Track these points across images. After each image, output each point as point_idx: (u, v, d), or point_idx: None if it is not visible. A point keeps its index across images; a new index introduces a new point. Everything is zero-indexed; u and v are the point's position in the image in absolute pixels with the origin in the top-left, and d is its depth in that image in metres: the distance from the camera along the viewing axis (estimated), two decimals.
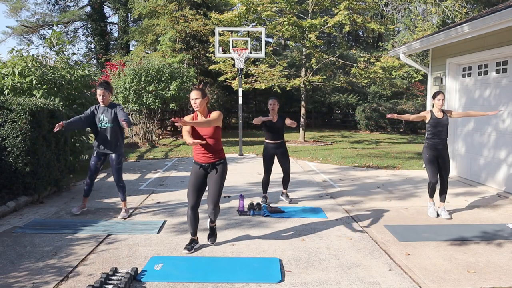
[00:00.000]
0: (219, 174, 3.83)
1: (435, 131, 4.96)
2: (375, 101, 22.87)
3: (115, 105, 5.02)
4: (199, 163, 3.84)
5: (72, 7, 30.26)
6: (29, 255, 3.73)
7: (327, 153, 11.46)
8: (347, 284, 3.18)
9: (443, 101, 4.92)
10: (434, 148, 4.99)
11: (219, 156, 3.85)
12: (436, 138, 4.98)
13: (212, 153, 3.80)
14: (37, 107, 5.62)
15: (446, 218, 4.92)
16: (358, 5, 13.82)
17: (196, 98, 3.73)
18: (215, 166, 3.84)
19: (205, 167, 3.83)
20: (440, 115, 4.98)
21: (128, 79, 12.31)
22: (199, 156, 3.82)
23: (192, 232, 3.93)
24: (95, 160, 5.05)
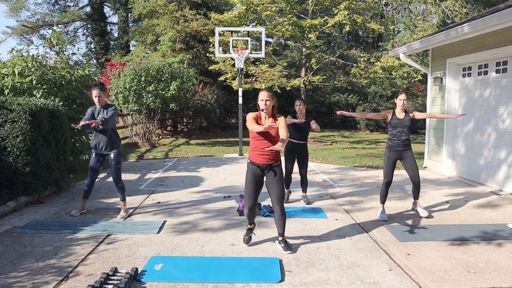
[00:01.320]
0: (279, 176, 3.84)
1: (395, 131, 4.84)
2: (375, 101, 22.87)
3: (109, 105, 5.04)
4: (257, 164, 3.80)
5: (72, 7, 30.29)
6: (29, 255, 3.73)
7: (327, 153, 11.46)
8: (347, 284, 3.18)
9: (404, 101, 4.80)
10: (394, 150, 4.87)
11: (276, 158, 3.84)
12: (395, 139, 4.85)
13: (272, 155, 3.79)
14: (37, 107, 5.62)
15: (424, 216, 4.91)
16: (358, 5, 13.82)
17: (267, 99, 3.71)
18: (273, 167, 3.83)
19: (262, 168, 3.81)
20: (402, 116, 4.86)
21: (128, 79, 12.31)
22: (258, 156, 3.79)
23: (249, 222, 4.01)
24: (94, 161, 5.05)
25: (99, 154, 5.04)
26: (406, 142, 4.86)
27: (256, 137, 3.77)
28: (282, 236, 3.90)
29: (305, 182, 5.75)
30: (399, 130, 4.83)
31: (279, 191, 3.83)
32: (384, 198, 4.99)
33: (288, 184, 5.75)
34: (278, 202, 3.84)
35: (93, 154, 5.06)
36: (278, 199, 3.83)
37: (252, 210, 3.91)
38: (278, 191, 3.83)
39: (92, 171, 5.08)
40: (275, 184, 3.83)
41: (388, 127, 4.95)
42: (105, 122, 4.81)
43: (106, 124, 4.84)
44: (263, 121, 3.81)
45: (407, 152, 4.90)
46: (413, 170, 4.90)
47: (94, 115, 4.99)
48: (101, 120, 4.77)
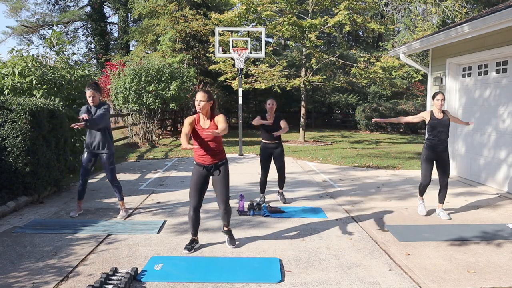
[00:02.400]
0: (223, 174, 3.86)
1: (435, 132, 4.89)
2: (375, 101, 22.87)
3: (102, 104, 5.01)
4: (202, 164, 3.84)
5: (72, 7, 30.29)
6: (29, 255, 3.73)
7: (327, 153, 11.46)
8: (347, 284, 3.18)
9: (442, 101, 4.84)
10: (433, 149, 4.92)
11: (220, 157, 3.87)
12: (435, 140, 4.90)
13: (214, 154, 3.82)
14: (37, 107, 5.62)
15: (446, 219, 4.91)
16: (358, 5, 13.82)
17: (201, 100, 3.73)
18: (218, 167, 3.86)
19: (208, 168, 3.84)
20: (440, 116, 4.92)
21: (128, 79, 12.31)
22: (201, 157, 3.83)
23: (193, 232, 3.93)
24: (86, 160, 5.01)
25: (92, 153, 5.00)
26: (445, 142, 4.90)
27: (197, 139, 3.80)
28: (227, 226, 4.01)
29: (282, 178, 5.74)
30: (439, 130, 4.86)
31: (224, 190, 3.85)
32: (423, 192, 5.09)
33: (262, 189, 5.73)
34: (222, 201, 3.86)
35: (85, 153, 5.02)
36: (223, 198, 3.86)
37: (196, 212, 3.87)
38: (222, 190, 3.85)
39: (84, 171, 5.03)
40: (219, 183, 3.85)
41: (427, 128, 4.98)
42: (91, 122, 4.71)
43: (93, 124, 4.75)
44: (202, 123, 3.81)
45: (445, 153, 4.94)
46: (445, 172, 4.95)
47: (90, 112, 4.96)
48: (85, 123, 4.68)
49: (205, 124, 3.82)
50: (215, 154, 3.82)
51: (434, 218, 4.99)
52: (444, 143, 4.92)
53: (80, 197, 5.13)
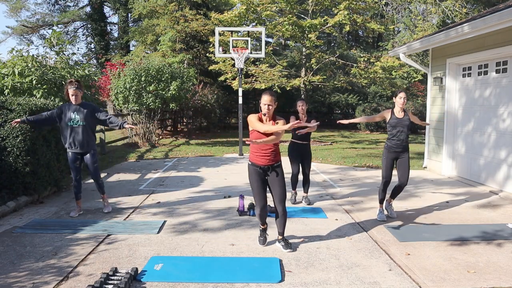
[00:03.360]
0: (281, 176, 3.88)
1: (394, 131, 4.76)
2: (375, 101, 22.87)
3: (88, 104, 5.03)
4: (258, 165, 3.83)
5: (72, 7, 30.28)
6: (29, 255, 3.73)
7: (327, 153, 11.46)
8: (347, 284, 3.18)
9: (404, 99, 4.71)
10: (393, 150, 4.81)
11: (276, 158, 3.88)
12: (395, 139, 4.77)
13: (271, 155, 3.82)
14: (37, 107, 5.63)
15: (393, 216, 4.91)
16: (358, 5, 13.82)
17: (270, 104, 3.72)
18: (275, 168, 3.87)
19: (264, 168, 3.85)
20: (401, 115, 4.79)
21: (128, 79, 12.31)
22: (259, 158, 3.82)
23: (261, 223, 4.00)
24: (72, 161, 5.00)
25: (75, 154, 5.00)
26: (405, 142, 4.80)
27: (256, 139, 3.77)
28: (282, 235, 3.93)
29: (307, 183, 5.74)
30: (398, 129, 4.75)
31: (282, 191, 3.86)
32: (383, 198, 4.98)
33: (294, 185, 5.75)
34: (280, 202, 3.86)
35: (69, 154, 5.01)
36: (281, 199, 3.86)
37: (264, 210, 3.93)
38: (280, 191, 3.86)
39: (75, 171, 5.03)
40: (277, 184, 3.86)
41: (387, 127, 4.87)
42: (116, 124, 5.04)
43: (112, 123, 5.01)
44: (264, 123, 3.82)
45: (405, 154, 4.84)
46: (404, 173, 4.84)
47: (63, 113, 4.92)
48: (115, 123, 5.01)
49: None
50: (272, 156, 3.83)
51: (434, 218, 4.99)
52: (404, 143, 4.77)
53: (78, 197, 5.13)
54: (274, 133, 3.73)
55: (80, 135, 4.94)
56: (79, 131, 4.93)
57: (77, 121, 4.92)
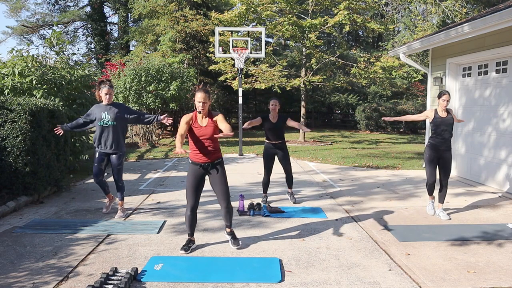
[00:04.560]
0: (221, 172, 3.87)
1: (439, 130, 4.89)
2: (375, 101, 22.87)
3: (119, 104, 5.01)
4: (198, 163, 3.84)
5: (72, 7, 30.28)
6: (29, 255, 3.73)
7: (327, 153, 11.46)
8: (347, 284, 3.18)
9: (447, 101, 4.85)
10: (436, 148, 4.92)
11: (216, 155, 3.88)
12: (439, 138, 4.90)
13: (210, 153, 3.82)
14: (37, 107, 5.62)
15: (445, 219, 4.91)
16: (358, 5, 13.82)
17: (204, 102, 3.72)
18: (215, 165, 3.86)
19: (204, 166, 3.84)
20: (444, 115, 4.92)
21: (128, 79, 12.32)
22: (198, 156, 3.83)
23: (189, 232, 3.93)
24: (98, 162, 4.93)
25: (103, 153, 4.95)
26: (449, 142, 4.90)
27: (195, 137, 3.79)
28: (229, 227, 3.99)
29: (290, 178, 5.73)
30: (442, 128, 4.87)
31: (224, 188, 3.85)
32: (432, 192, 5.07)
33: (264, 188, 5.74)
34: (224, 199, 3.85)
35: (96, 154, 4.95)
36: (224, 196, 3.85)
37: (193, 212, 3.87)
38: (222, 188, 3.85)
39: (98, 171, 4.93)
40: (218, 181, 3.85)
41: (431, 126, 4.98)
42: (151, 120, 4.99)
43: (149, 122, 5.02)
44: (200, 121, 3.81)
45: (448, 152, 4.93)
46: (446, 171, 4.94)
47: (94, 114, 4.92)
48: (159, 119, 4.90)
49: (202, 122, 3.81)
50: (212, 153, 3.83)
51: (434, 218, 4.99)
52: (448, 142, 4.91)
53: (106, 192, 5.10)
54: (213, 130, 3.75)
55: (111, 135, 4.88)
56: (109, 131, 4.88)
57: (107, 121, 4.87)
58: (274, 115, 5.55)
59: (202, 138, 3.78)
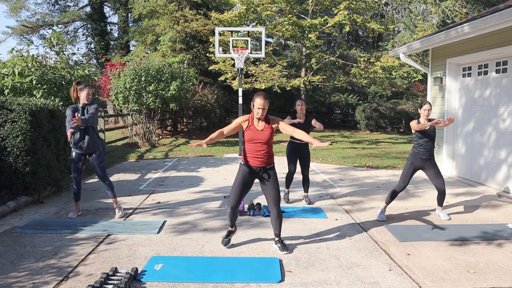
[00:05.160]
0: (273, 178, 3.84)
1: (421, 141, 4.81)
2: (375, 101, 22.88)
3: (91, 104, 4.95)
4: (250, 166, 3.81)
5: (72, 7, 30.29)
6: (29, 255, 3.73)
7: (327, 153, 11.46)
8: (347, 284, 3.18)
9: (429, 111, 4.78)
10: (419, 157, 4.83)
11: (269, 161, 3.84)
12: (421, 148, 4.82)
13: (264, 157, 3.79)
14: (37, 107, 5.62)
15: (445, 219, 4.90)
16: (358, 5, 13.83)
17: (263, 109, 3.67)
18: (267, 170, 3.83)
19: (256, 170, 3.81)
20: None
21: (128, 79, 12.31)
22: (252, 159, 3.78)
23: (230, 224, 3.98)
24: (76, 161, 4.92)
25: (81, 154, 4.92)
26: (431, 151, 4.83)
27: (250, 140, 3.77)
28: (278, 236, 3.91)
29: (307, 182, 5.74)
30: (425, 139, 4.80)
31: (275, 194, 3.83)
32: (390, 200, 4.96)
33: (288, 184, 5.75)
34: (275, 204, 3.83)
35: (73, 153, 4.92)
36: (275, 201, 3.83)
37: (234, 210, 3.88)
38: (274, 194, 3.82)
39: (77, 172, 4.95)
40: (271, 186, 3.83)
41: (414, 137, 4.91)
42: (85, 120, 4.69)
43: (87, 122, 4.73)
44: (256, 123, 3.79)
45: (431, 161, 4.86)
46: (438, 179, 4.85)
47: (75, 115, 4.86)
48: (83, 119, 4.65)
49: (259, 126, 3.76)
50: (265, 158, 3.79)
51: (434, 218, 4.99)
52: (430, 152, 4.82)
53: (77, 198, 5.07)
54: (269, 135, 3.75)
55: (87, 135, 4.86)
56: (86, 131, 4.86)
57: None
58: (301, 115, 5.55)
59: (256, 141, 3.74)
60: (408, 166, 4.88)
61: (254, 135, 3.74)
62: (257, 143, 3.74)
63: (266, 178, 3.83)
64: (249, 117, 3.81)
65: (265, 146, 3.76)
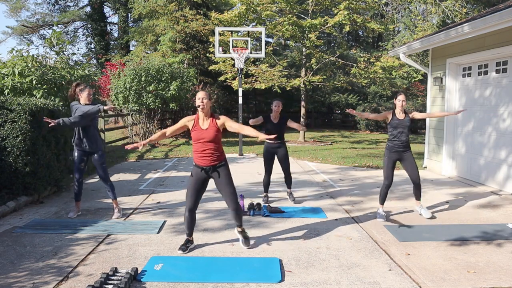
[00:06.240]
0: (225, 175, 3.83)
1: (395, 132, 4.83)
2: (375, 101, 22.88)
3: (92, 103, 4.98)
4: (200, 166, 3.82)
5: (72, 7, 30.28)
6: (29, 255, 3.73)
7: (327, 153, 11.46)
8: (347, 284, 3.18)
9: (403, 102, 4.79)
10: (394, 150, 4.86)
11: (220, 158, 3.85)
12: (396, 140, 4.84)
13: (213, 156, 3.80)
14: (37, 107, 5.62)
15: (427, 217, 4.89)
16: (358, 5, 13.82)
17: (204, 97, 3.74)
18: (216, 168, 3.83)
19: (206, 169, 3.82)
20: (402, 116, 4.85)
21: (128, 79, 12.31)
22: (200, 159, 3.81)
23: (188, 233, 3.92)
24: (78, 161, 4.93)
25: (83, 152, 4.92)
26: (406, 143, 4.85)
27: (196, 140, 3.78)
28: (240, 227, 3.98)
29: (288, 178, 5.76)
30: (399, 130, 4.82)
31: (230, 189, 3.83)
32: (384, 199, 4.98)
33: (265, 188, 5.76)
34: (231, 201, 3.83)
35: (76, 152, 4.93)
36: (231, 197, 3.83)
37: (192, 213, 3.86)
38: (229, 189, 3.82)
39: (79, 173, 4.96)
40: (224, 184, 3.83)
41: (388, 128, 4.93)
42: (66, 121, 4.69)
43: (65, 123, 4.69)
44: (201, 123, 3.79)
45: (407, 152, 4.89)
46: (413, 170, 4.89)
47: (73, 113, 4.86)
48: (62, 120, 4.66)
49: (204, 125, 3.80)
50: (214, 156, 3.80)
51: (434, 218, 4.99)
52: (405, 143, 4.84)
53: (77, 198, 5.07)
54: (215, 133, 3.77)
55: (89, 134, 4.88)
56: (88, 130, 4.88)
57: None
58: (276, 116, 5.56)
59: (201, 141, 3.76)
60: (387, 161, 4.91)
61: (200, 135, 3.76)
62: (203, 142, 3.75)
63: (217, 177, 3.83)
64: (195, 117, 3.83)
65: (211, 145, 3.77)
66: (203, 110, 3.77)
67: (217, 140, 3.81)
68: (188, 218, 3.86)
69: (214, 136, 3.77)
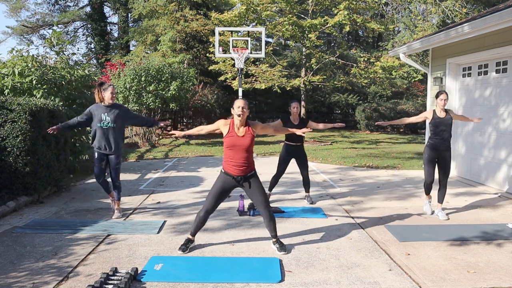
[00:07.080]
0: (257, 185, 3.80)
1: (437, 130, 4.89)
2: (375, 101, 22.86)
3: (118, 105, 5.00)
4: (231, 174, 3.76)
5: (72, 7, 30.27)
6: (29, 255, 3.73)
7: (327, 153, 11.46)
8: (347, 284, 3.18)
9: (445, 101, 4.84)
10: (436, 148, 4.93)
11: (250, 168, 3.81)
12: (438, 138, 4.90)
13: (245, 165, 3.75)
14: (37, 107, 5.62)
15: (443, 219, 4.91)
16: (358, 5, 13.82)
17: (244, 107, 3.71)
18: (248, 179, 3.79)
19: (237, 179, 3.77)
20: (443, 115, 4.91)
21: (128, 79, 12.32)
22: (232, 167, 3.74)
23: (193, 232, 3.91)
24: (98, 163, 4.93)
25: (102, 154, 4.93)
26: (447, 141, 4.90)
27: (230, 147, 3.73)
28: (275, 237, 3.89)
29: (307, 183, 5.73)
30: (441, 128, 4.86)
31: (263, 198, 3.80)
32: (429, 191, 5.07)
33: (271, 187, 5.73)
34: (265, 207, 3.80)
35: (96, 155, 4.93)
36: (264, 204, 3.80)
37: (206, 215, 3.84)
38: (261, 198, 3.79)
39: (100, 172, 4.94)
40: (256, 192, 3.80)
41: (429, 127, 4.99)
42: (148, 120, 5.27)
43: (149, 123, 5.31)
44: (236, 130, 3.76)
45: (448, 152, 4.94)
46: (446, 172, 4.95)
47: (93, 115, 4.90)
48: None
49: (239, 132, 3.74)
50: (246, 165, 3.75)
51: (434, 218, 4.99)
52: (447, 142, 4.91)
53: (108, 191, 5.10)
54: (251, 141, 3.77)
55: (110, 136, 4.87)
56: (109, 132, 4.87)
57: (107, 123, 4.84)
58: (295, 118, 5.53)
59: (236, 148, 3.71)
60: (427, 158, 4.97)
61: (235, 141, 3.70)
62: (238, 149, 3.71)
63: (248, 186, 3.80)
64: (230, 122, 3.78)
65: (245, 153, 3.72)
66: (240, 120, 3.73)
67: (251, 149, 3.78)
68: (202, 219, 3.85)
69: (250, 144, 3.73)
